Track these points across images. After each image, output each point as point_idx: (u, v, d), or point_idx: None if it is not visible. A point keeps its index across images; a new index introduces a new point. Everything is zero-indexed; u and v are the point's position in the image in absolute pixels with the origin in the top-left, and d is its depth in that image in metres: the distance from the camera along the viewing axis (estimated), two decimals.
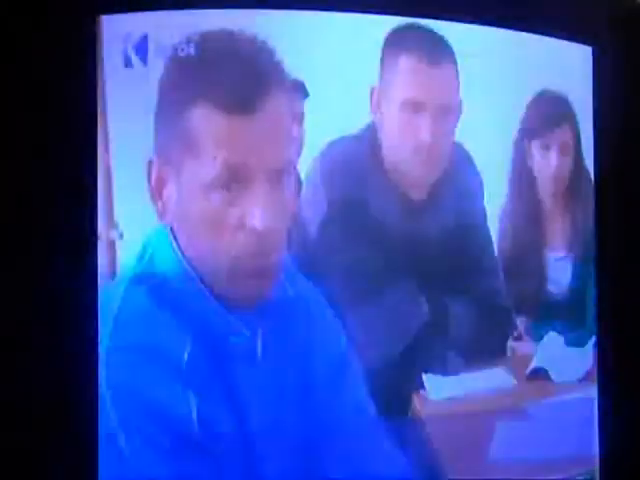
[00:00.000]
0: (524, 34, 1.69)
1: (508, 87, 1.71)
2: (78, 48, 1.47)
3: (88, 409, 1.38)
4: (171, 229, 1.40)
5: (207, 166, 1.35)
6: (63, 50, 1.46)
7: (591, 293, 1.75)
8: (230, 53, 1.38)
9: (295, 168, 1.44)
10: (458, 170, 1.71)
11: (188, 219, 1.38)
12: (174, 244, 1.40)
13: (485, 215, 1.74)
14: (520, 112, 1.76)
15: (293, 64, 1.41)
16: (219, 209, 1.36)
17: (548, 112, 1.79)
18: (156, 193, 1.40)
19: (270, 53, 1.38)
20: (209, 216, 1.36)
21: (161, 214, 1.40)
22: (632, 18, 1.76)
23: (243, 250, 1.37)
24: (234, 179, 1.35)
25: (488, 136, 1.71)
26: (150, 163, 1.40)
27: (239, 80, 1.35)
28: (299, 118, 1.56)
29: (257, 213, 1.35)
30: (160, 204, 1.40)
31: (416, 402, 1.63)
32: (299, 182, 1.51)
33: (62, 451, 1.43)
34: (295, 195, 1.44)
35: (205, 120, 1.35)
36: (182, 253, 1.39)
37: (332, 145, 1.62)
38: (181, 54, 1.40)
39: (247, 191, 1.36)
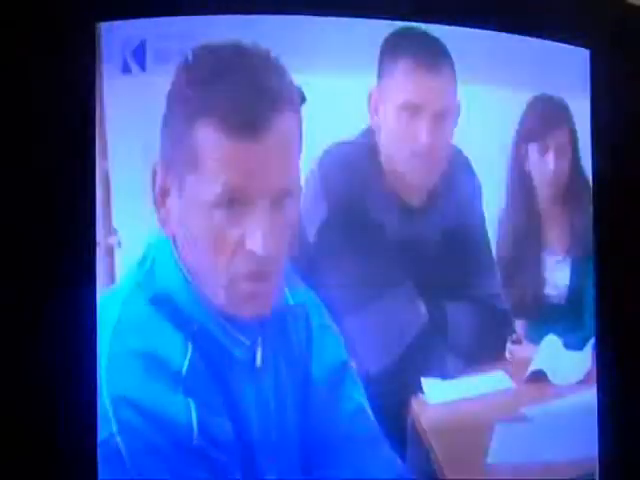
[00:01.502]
0: (521, 37, 1.68)
1: (505, 90, 1.71)
2: (76, 55, 1.47)
3: (88, 416, 1.38)
4: (173, 238, 1.39)
5: (209, 185, 1.33)
6: (61, 57, 1.46)
7: (589, 295, 1.75)
8: (240, 70, 1.33)
9: (299, 188, 1.42)
10: (456, 173, 1.71)
11: (189, 231, 1.37)
12: (175, 253, 1.39)
13: (483, 218, 1.74)
14: (518, 115, 1.76)
15: (290, 68, 1.39)
16: (220, 227, 1.34)
17: (546, 115, 1.78)
18: (159, 201, 1.38)
19: (282, 73, 1.36)
20: (210, 232, 1.34)
21: (163, 222, 1.39)
22: (630, 21, 1.76)
23: (242, 270, 1.35)
24: (236, 200, 1.33)
25: (486, 139, 1.71)
26: (154, 171, 1.38)
27: (248, 102, 1.32)
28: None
29: (258, 236, 1.33)
30: (163, 212, 1.38)
31: (415, 406, 1.64)
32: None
33: (62, 458, 1.43)
34: (297, 213, 1.43)
35: (209, 140, 1.32)
36: (183, 263, 1.38)
37: (330, 150, 1.62)
38: (186, 65, 1.36)
39: (249, 212, 1.33)
